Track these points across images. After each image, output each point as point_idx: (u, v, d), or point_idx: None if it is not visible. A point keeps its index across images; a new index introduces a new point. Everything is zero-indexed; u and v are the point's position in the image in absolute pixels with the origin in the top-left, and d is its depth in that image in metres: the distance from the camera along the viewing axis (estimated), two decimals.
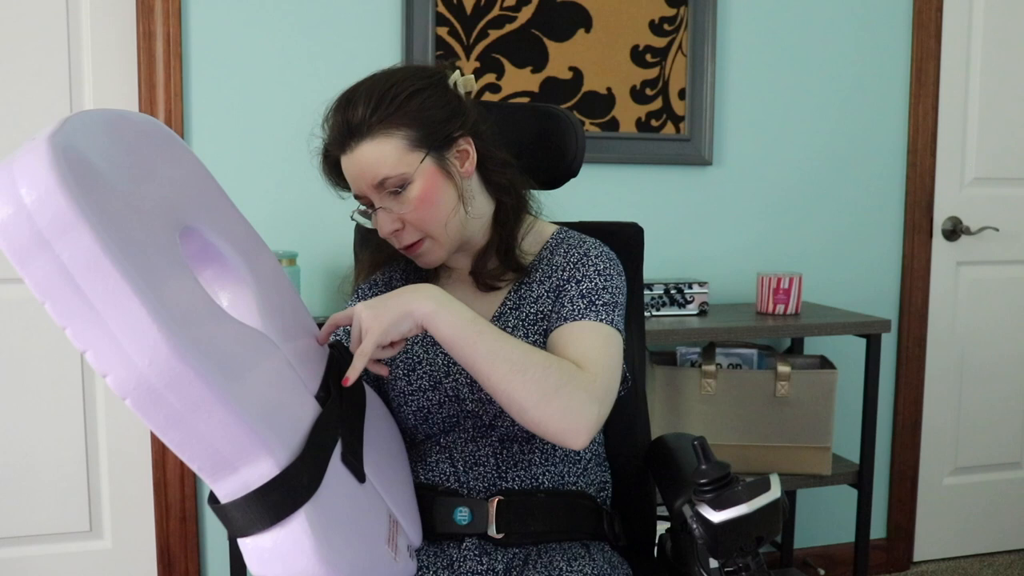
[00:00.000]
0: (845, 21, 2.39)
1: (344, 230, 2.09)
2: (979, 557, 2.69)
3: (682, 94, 2.26)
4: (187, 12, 1.95)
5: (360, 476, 0.97)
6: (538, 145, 1.34)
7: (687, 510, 1.01)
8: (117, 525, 2.08)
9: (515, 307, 1.22)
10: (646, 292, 2.09)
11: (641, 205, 2.29)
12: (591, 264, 1.20)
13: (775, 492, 1.01)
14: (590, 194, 2.23)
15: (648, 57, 2.23)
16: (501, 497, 1.16)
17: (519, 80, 2.14)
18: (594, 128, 2.21)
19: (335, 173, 1.20)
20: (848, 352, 2.48)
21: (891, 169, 2.48)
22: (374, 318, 1.01)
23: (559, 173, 1.38)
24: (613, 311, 1.17)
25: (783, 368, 2.02)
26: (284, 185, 2.05)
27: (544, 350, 1.14)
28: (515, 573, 1.13)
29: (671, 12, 2.23)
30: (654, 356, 2.17)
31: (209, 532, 2.09)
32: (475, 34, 2.10)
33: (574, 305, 1.16)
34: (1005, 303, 2.62)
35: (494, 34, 2.12)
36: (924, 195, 2.48)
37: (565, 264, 1.21)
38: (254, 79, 2.01)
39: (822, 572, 2.47)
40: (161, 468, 2.03)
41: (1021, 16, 2.53)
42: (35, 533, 2.03)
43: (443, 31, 2.07)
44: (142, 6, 1.91)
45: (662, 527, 1.97)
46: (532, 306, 1.21)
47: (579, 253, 1.22)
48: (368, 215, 1.19)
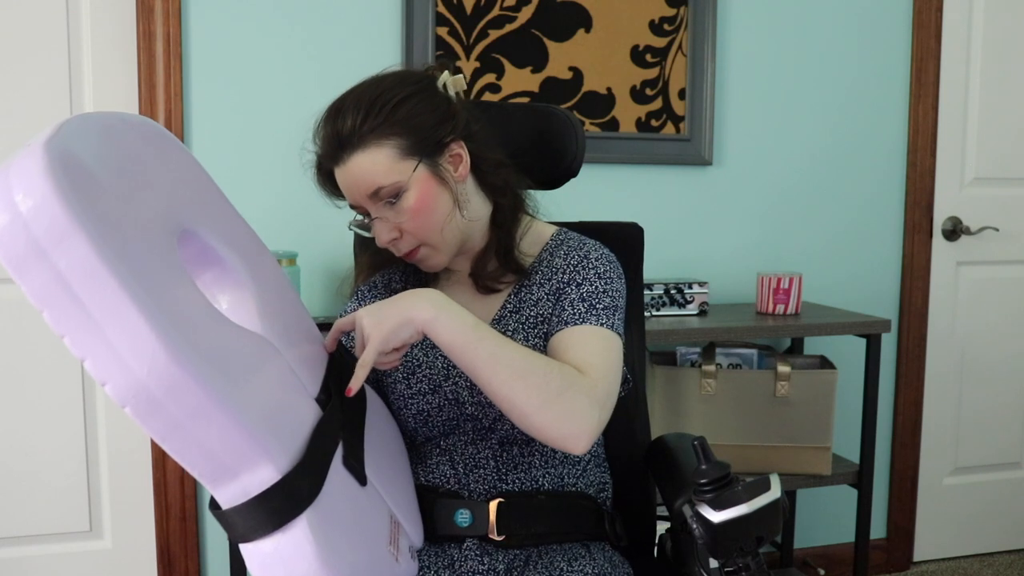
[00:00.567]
0: (845, 21, 2.39)
1: (344, 230, 2.09)
2: (979, 557, 2.69)
3: (682, 94, 2.26)
4: (187, 12, 1.95)
5: (362, 479, 0.97)
6: (538, 145, 1.34)
7: (687, 510, 1.01)
8: (117, 525, 2.08)
9: (515, 310, 1.21)
10: (646, 292, 2.09)
11: (641, 205, 2.29)
12: (591, 267, 1.20)
13: (775, 492, 1.01)
14: (590, 194, 2.23)
15: (648, 57, 2.23)
16: (501, 499, 1.16)
17: (519, 80, 2.14)
18: (594, 128, 2.21)
19: (330, 184, 1.19)
20: (848, 352, 2.48)
21: (891, 169, 2.48)
22: (375, 326, 1.01)
23: (559, 173, 1.38)
24: (613, 315, 1.16)
25: (783, 368, 2.02)
26: (284, 185, 2.05)
27: (544, 354, 1.14)
28: (516, 573, 1.13)
29: (671, 12, 2.23)
30: (654, 356, 2.17)
31: (209, 532, 2.09)
32: (475, 34, 2.10)
33: (574, 309, 1.16)
34: (1005, 303, 2.62)
35: (494, 34, 2.12)
36: (924, 195, 2.48)
37: (565, 267, 1.21)
38: (254, 79, 2.01)
39: (822, 572, 2.47)
40: (161, 468, 2.03)
41: (1021, 16, 2.53)
42: (35, 533, 2.03)
43: (443, 31, 2.07)
44: (142, 6, 1.91)
45: (662, 527, 1.97)
46: (532, 309, 1.21)
47: (579, 255, 1.22)
48: (365, 225, 1.18)
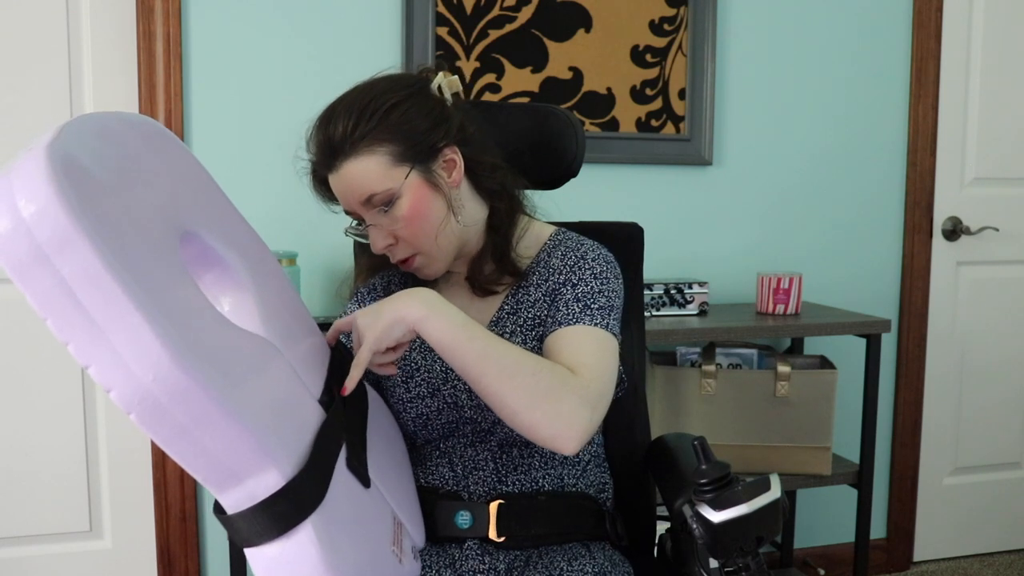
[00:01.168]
0: (845, 21, 2.39)
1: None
2: (979, 557, 2.69)
3: (682, 94, 2.26)
4: (187, 12, 1.95)
5: (365, 482, 0.97)
6: (538, 145, 1.34)
7: (687, 510, 1.01)
8: (117, 525, 2.08)
9: (512, 312, 1.21)
10: (646, 292, 2.09)
11: (641, 205, 2.29)
12: (587, 268, 1.19)
13: (775, 492, 1.01)
14: (590, 194, 2.23)
15: (648, 57, 2.23)
16: (502, 501, 1.16)
17: (519, 80, 2.14)
18: (594, 128, 2.21)
19: (325, 190, 1.19)
20: (848, 352, 2.48)
21: (891, 169, 2.48)
22: (369, 325, 1.01)
23: (559, 173, 1.38)
24: (609, 315, 1.16)
25: (783, 368, 2.02)
26: (284, 185, 2.05)
27: (539, 355, 1.14)
28: (516, 573, 1.13)
29: (671, 12, 2.23)
30: (654, 356, 2.17)
31: (209, 532, 2.09)
32: (475, 34, 2.10)
33: (569, 309, 1.15)
34: (1005, 303, 2.62)
35: (494, 34, 2.12)
36: (924, 195, 2.48)
37: (562, 267, 1.21)
38: (254, 79, 2.01)
39: (822, 572, 2.47)
40: (161, 468, 2.03)
41: (1021, 16, 2.53)
42: (35, 533, 2.03)
43: (443, 31, 2.07)
44: (142, 6, 1.91)
45: (662, 527, 1.97)
46: (530, 311, 1.20)
47: (576, 256, 1.21)
48: (362, 233, 1.18)
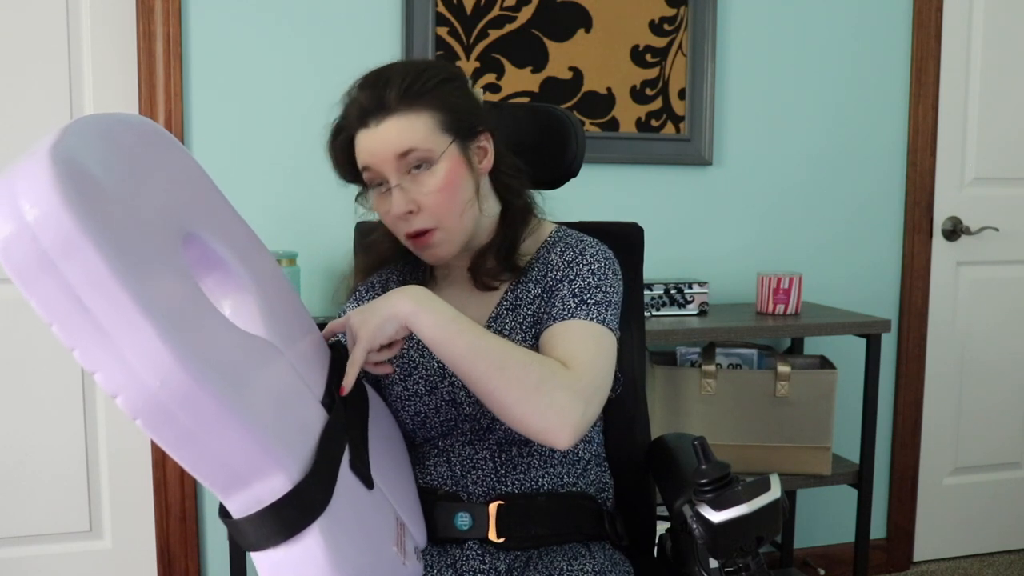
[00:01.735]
0: (845, 21, 2.39)
1: (344, 230, 2.09)
2: (979, 557, 2.69)
3: (682, 94, 2.26)
4: (187, 12, 1.95)
5: (368, 483, 0.97)
6: (538, 145, 1.34)
7: (687, 510, 1.01)
8: (117, 525, 2.08)
9: (511, 308, 1.21)
10: (646, 292, 2.09)
11: (641, 205, 2.29)
12: (585, 263, 1.19)
13: (775, 492, 1.01)
14: (590, 194, 2.23)
15: (648, 57, 2.23)
16: (501, 501, 1.15)
17: (519, 80, 2.14)
18: (594, 128, 2.21)
19: (345, 152, 1.17)
20: (848, 352, 2.48)
21: (891, 169, 2.48)
22: (361, 324, 1.02)
23: (559, 173, 1.38)
24: (606, 310, 1.16)
25: (783, 368, 2.02)
26: (284, 185, 2.05)
27: (537, 351, 1.14)
28: (517, 573, 1.13)
29: (671, 12, 2.23)
30: (654, 356, 2.17)
31: (209, 532, 2.09)
32: (475, 34, 2.10)
33: (565, 304, 1.15)
34: (1005, 303, 2.62)
35: (494, 34, 2.11)
36: (924, 195, 2.48)
37: (560, 263, 1.21)
38: (254, 79, 2.01)
39: (822, 572, 2.47)
40: (161, 468, 2.03)
41: (1021, 16, 2.53)
42: (35, 533, 2.03)
43: (443, 31, 2.07)
44: (142, 6, 1.91)
45: (662, 527, 1.97)
46: (529, 307, 1.20)
47: (575, 252, 1.21)
48: (382, 201, 1.15)
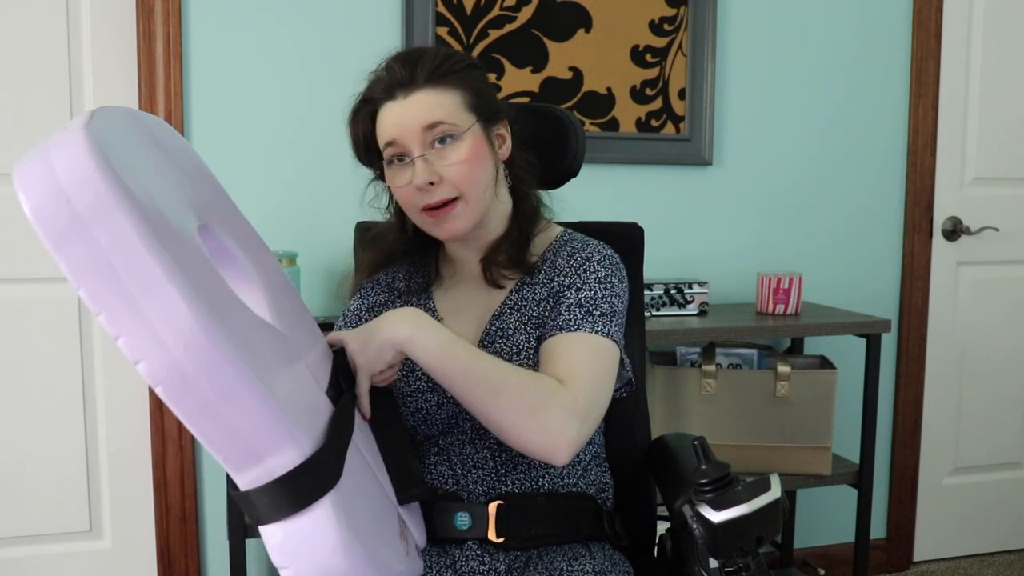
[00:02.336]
0: (845, 21, 2.39)
1: (344, 230, 2.09)
2: (979, 557, 2.69)
3: (682, 94, 2.26)
4: (187, 12, 1.95)
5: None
6: (538, 145, 1.34)
7: (687, 510, 1.01)
8: (117, 525, 2.08)
9: (516, 308, 1.21)
10: (646, 292, 2.09)
11: (641, 205, 2.28)
12: (592, 271, 1.20)
13: (775, 492, 1.01)
14: (590, 194, 2.23)
15: (648, 57, 2.23)
16: (501, 501, 1.16)
17: (519, 80, 2.14)
18: (594, 128, 2.21)
19: (366, 126, 1.18)
20: (848, 352, 2.48)
21: (891, 169, 2.48)
22: (359, 352, 1.04)
23: (559, 173, 1.38)
24: (610, 321, 1.16)
25: (783, 368, 2.01)
26: (284, 185, 2.05)
27: (532, 359, 1.15)
28: (516, 573, 1.13)
29: (671, 12, 2.23)
30: (654, 356, 2.17)
31: (209, 532, 2.09)
32: (475, 34, 2.10)
33: (571, 314, 1.16)
34: (1005, 303, 2.62)
35: (494, 34, 2.11)
36: (924, 195, 2.48)
37: (567, 269, 1.21)
38: (254, 79, 2.01)
39: (822, 572, 2.47)
40: (161, 468, 2.03)
41: (1021, 16, 2.53)
42: (35, 533, 2.03)
43: (443, 31, 2.07)
44: (142, 6, 1.91)
45: (662, 527, 1.97)
46: (534, 309, 1.20)
47: (582, 258, 1.22)
48: (392, 176, 1.17)
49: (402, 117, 1.14)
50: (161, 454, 2.03)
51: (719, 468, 1.01)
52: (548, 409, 1.04)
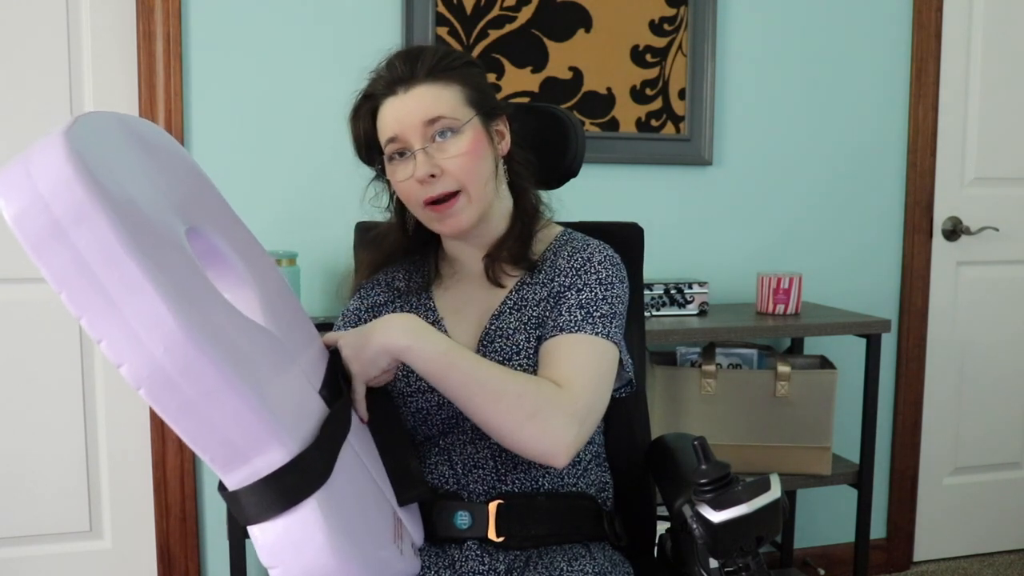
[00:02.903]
0: (845, 21, 2.39)
1: (344, 230, 2.08)
2: (979, 557, 2.69)
3: (682, 94, 2.26)
4: (187, 12, 1.95)
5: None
6: (538, 145, 1.34)
7: (687, 510, 1.01)
8: (117, 525, 2.08)
9: (516, 307, 1.21)
10: (646, 292, 2.09)
11: (641, 205, 2.28)
12: (593, 272, 1.20)
13: (775, 492, 1.01)
14: (590, 194, 2.23)
15: (648, 57, 2.23)
16: (501, 501, 1.16)
17: (519, 80, 2.14)
18: (594, 128, 2.21)
19: (367, 123, 1.20)
20: (848, 352, 2.48)
21: (891, 169, 2.48)
22: (354, 358, 1.04)
23: (559, 173, 1.38)
24: (611, 323, 1.16)
25: (783, 368, 2.01)
26: (284, 185, 2.05)
27: (532, 359, 1.15)
28: (516, 573, 1.13)
29: (671, 12, 2.23)
30: (654, 356, 2.17)
31: (209, 532, 2.09)
32: (475, 34, 2.10)
33: (571, 315, 1.16)
34: (1005, 303, 2.62)
35: (494, 34, 2.11)
36: (924, 195, 2.48)
37: (568, 269, 1.21)
38: (254, 79, 2.01)
39: (822, 572, 2.47)
40: (161, 468, 2.03)
41: (1021, 16, 2.53)
42: (35, 533, 2.03)
43: (443, 31, 2.07)
44: (142, 6, 1.91)
45: (662, 527, 1.97)
46: (534, 309, 1.21)
47: (583, 258, 1.22)
48: (389, 169, 1.19)
49: (403, 112, 1.15)
50: (161, 454, 2.03)
51: (719, 468, 1.01)
52: (547, 414, 1.04)
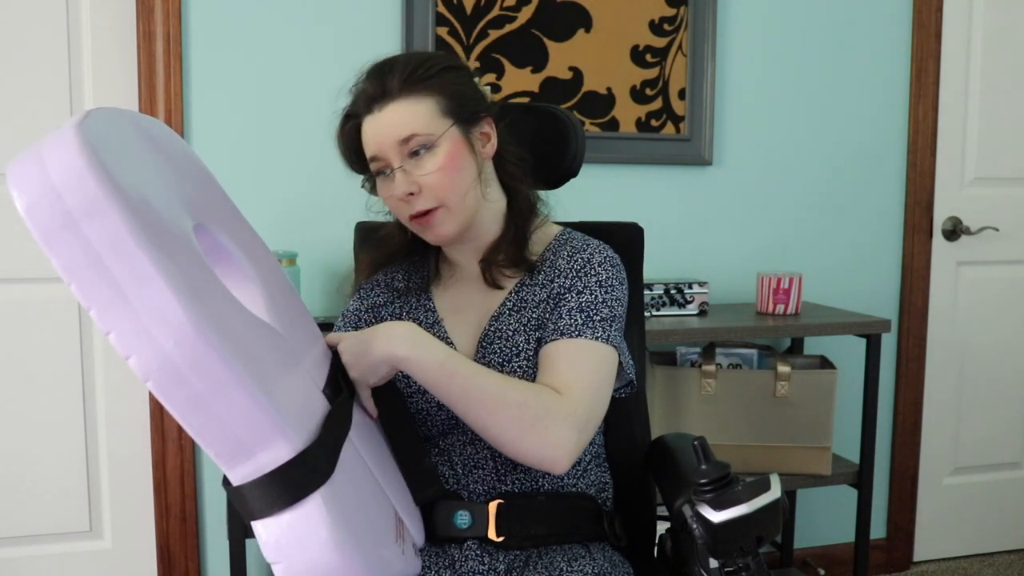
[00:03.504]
0: (845, 21, 2.39)
1: (344, 230, 2.09)
2: (979, 557, 2.69)
3: (682, 94, 2.26)
4: (187, 12, 1.95)
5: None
6: (538, 145, 1.34)
7: (687, 510, 1.01)
8: (117, 525, 2.08)
9: (515, 308, 1.21)
10: (646, 292, 2.09)
11: (641, 205, 2.28)
12: (593, 274, 1.20)
13: (775, 492, 1.01)
14: (590, 194, 2.23)
15: (648, 57, 2.23)
16: (501, 500, 1.16)
17: (519, 80, 2.14)
18: (594, 128, 2.21)
19: (353, 140, 1.20)
20: (848, 352, 2.48)
21: (891, 169, 2.48)
22: (354, 364, 1.04)
23: (559, 173, 1.38)
24: (610, 326, 1.16)
25: (783, 368, 2.01)
26: (284, 185, 2.05)
27: (531, 361, 1.15)
28: (516, 573, 1.13)
29: (671, 12, 2.23)
30: (654, 356, 2.17)
31: (209, 532, 2.09)
32: (475, 34, 2.10)
33: (571, 318, 1.16)
34: (1005, 303, 2.62)
35: (494, 34, 2.11)
36: (924, 195, 2.48)
37: (568, 270, 1.21)
38: (254, 79, 2.01)
39: (822, 572, 2.47)
40: (161, 468, 2.03)
41: (1021, 16, 2.53)
42: (35, 533, 2.03)
43: (443, 31, 2.07)
44: (142, 6, 1.91)
45: (662, 527, 1.97)
46: (533, 311, 1.20)
47: (582, 259, 1.21)
48: (383, 185, 1.18)
49: (379, 132, 1.15)
50: (161, 454, 2.03)
51: (719, 468, 1.01)
52: (547, 422, 1.04)
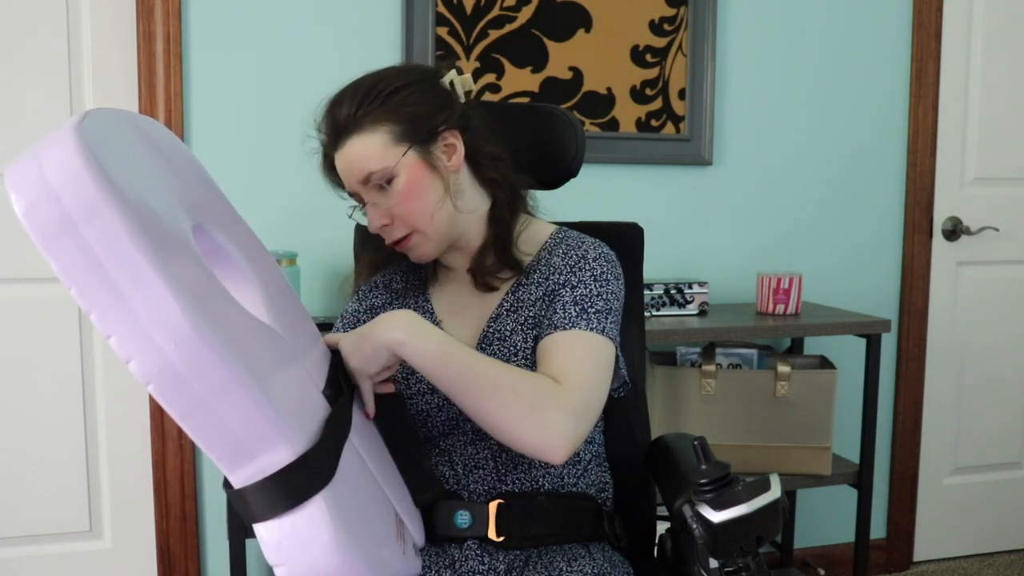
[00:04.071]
0: (845, 21, 2.39)
1: (344, 230, 2.09)
2: (979, 557, 2.69)
3: (682, 94, 2.26)
4: (187, 12, 1.95)
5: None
6: (538, 145, 1.34)
7: (687, 510, 1.01)
8: (117, 525, 2.08)
9: (512, 309, 1.21)
10: (646, 292, 2.09)
11: (641, 205, 2.29)
12: (588, 269, 1.19)
13: (775, 492, 1.01)
14: (590, 194, 2.23)
15: (648, 57, 2.23)
16: (501, 500, 1.16)
17: (519, 80, 2.14)
18: (594, 128, 2.21)
19: (334, 173, 1.22)
20: (848, 352, 2.48)
21: (891, 169, 2.48)
22: (353, 353, 1.05)
23: (559, 173, 1.38)
24: (606, 319, 1.16)
25: (783, 368, 2.01)
26: (284, 185, 2.05)
27: (530, 360, 1.15)
28: (516, 573, 1.13)
29: (671, 12, 2.23)
30: (654, 356, 2.17)
31: (209, 532, 2.09)
32: (475, 34, 2.10)
33: (566, 312, 1.15)
34: (1005, 303, 2.62)
35: (494, 34, 2.11)
36: (924, 195, 2.48)
37: (563, 267, 1.21)
38: (254, 79, 2.01)
39: (822, 572, 2.47)
40: (161, 468, 2.03)
41: (1021, 16, 2.53)
42: (35, 533, 2.03)
43: (443, 31, 2.07)
44: (142, 6, 1.91)
45: (662, 527, 1.97)
46: (530, 310, 1.20)
47: (577, 255, 1.21)
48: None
49: (343, 171, 1.17)
50: (161, 454, 2.03)
51: (719, 468, 1.01)
52: (544, 408, 1.04)
